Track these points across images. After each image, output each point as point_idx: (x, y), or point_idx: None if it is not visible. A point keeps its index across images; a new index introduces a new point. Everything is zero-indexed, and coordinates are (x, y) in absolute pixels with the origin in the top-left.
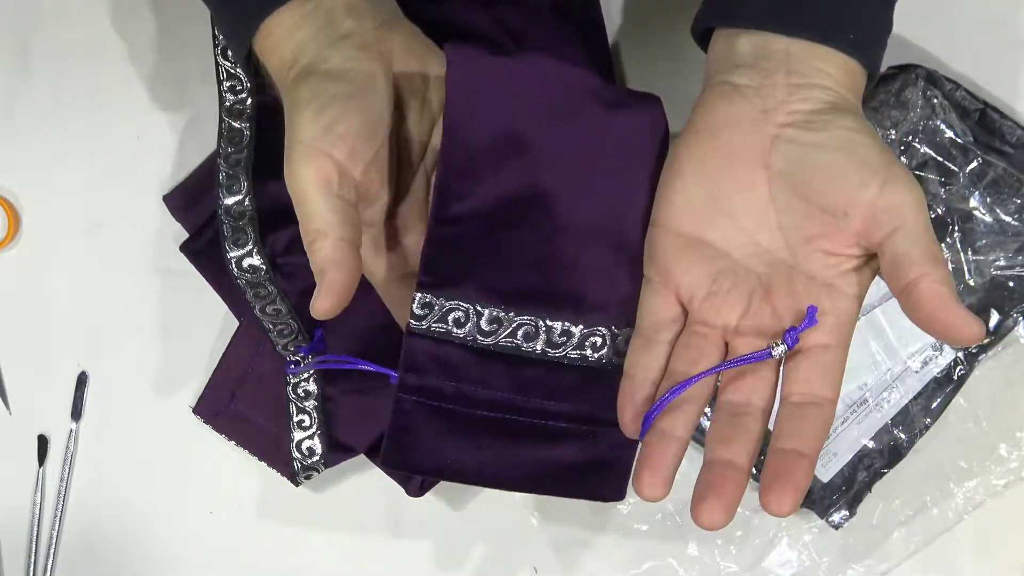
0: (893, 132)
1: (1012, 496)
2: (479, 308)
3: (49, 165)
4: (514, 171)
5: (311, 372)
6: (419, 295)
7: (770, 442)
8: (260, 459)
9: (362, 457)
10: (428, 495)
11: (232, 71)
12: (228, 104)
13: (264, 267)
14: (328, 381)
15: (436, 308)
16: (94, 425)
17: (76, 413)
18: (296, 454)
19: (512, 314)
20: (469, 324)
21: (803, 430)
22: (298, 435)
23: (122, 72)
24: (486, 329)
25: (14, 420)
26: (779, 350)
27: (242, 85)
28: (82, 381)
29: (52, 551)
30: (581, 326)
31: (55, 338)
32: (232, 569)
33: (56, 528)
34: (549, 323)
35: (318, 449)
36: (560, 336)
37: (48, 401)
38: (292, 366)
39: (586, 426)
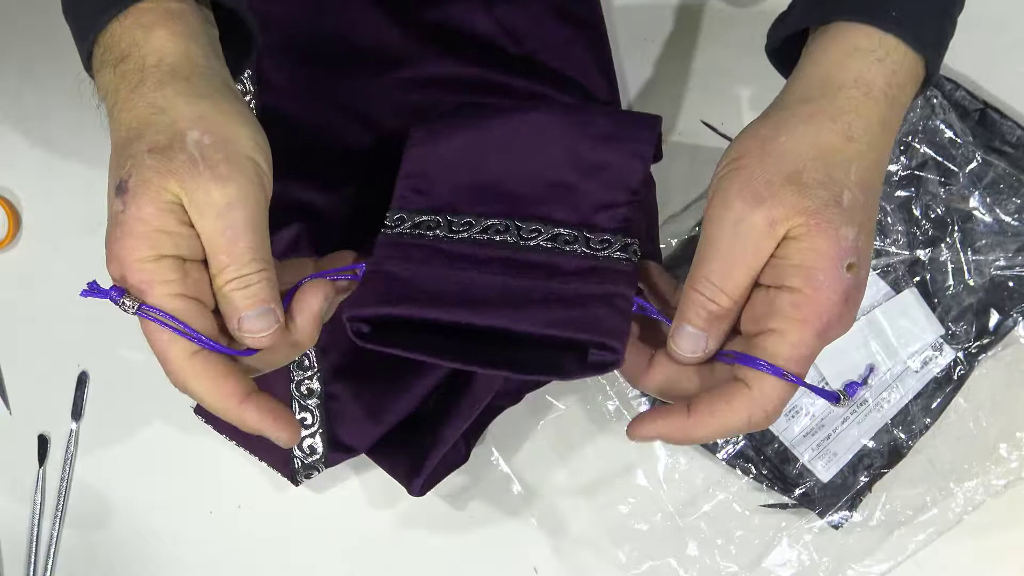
0: None
1: (1012, 496)
2: (449, 217)
3: (49, 165)
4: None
5: (315, 371)
6: (392, 213)
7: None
8: (260, 459)
9: (362, 457)
10: (429, 495)
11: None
12: None
13: None
14: (331, 380)
15: (408, 220)
16: (94, 425)
17: (76, 413)
18: (297, 452)
19: (482, 218)
20: (440, 228)
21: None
22: (300, 432)
23: None
24: (456, 229)
25: (14, 420)
26: None
27: (245, 88)
28: (82, 381)
29: (52, 551)
30: (551, 226)
31: (55, 338)
32: (232, 569)
33: (56, 528)
34: (518, 223)
35: (319, 447)
36: (531, 233)
37: (48, 401)
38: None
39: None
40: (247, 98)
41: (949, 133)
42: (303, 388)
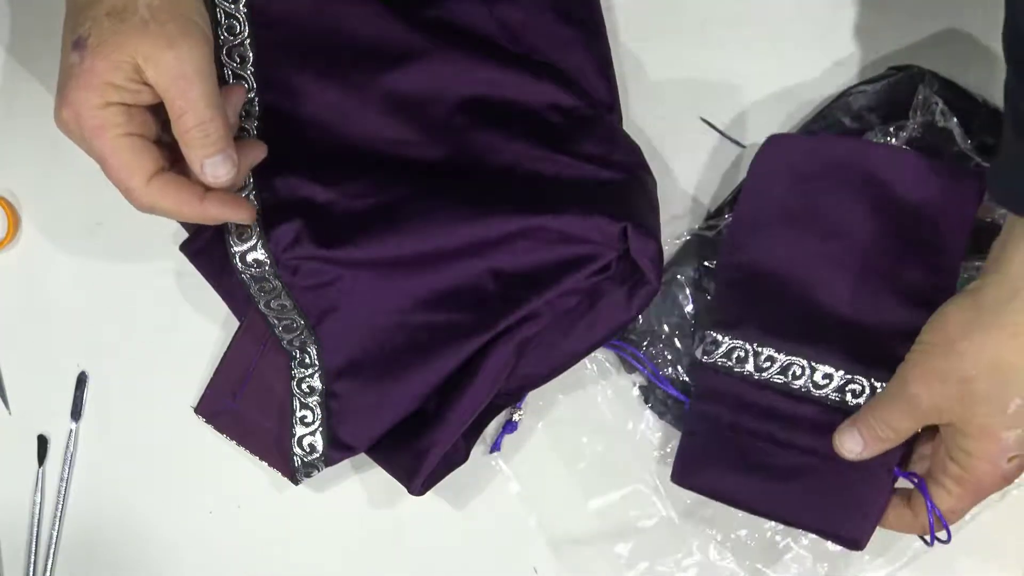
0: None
1: (1012, 496)
2: (756, 348)
3: (49, 165)
4: (792, 235)
5: (316, 368)
6: (709, 333)
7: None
8: (261, 459)
9: (363, 456)
10: (429, 495)
11: (239, 71)
12: None
13: (268, 261)
14: (333, 378)
15: (723, 345)
16: (94, 425)
17: (76, 413)
18: (297, 450)
19: (783, 354)
20: (749, 363)
21: None
22: (300, 430)
23: None
24: (762, 366)
25: (14, 420)
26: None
27: (248, 85)
28: (82, 381)
29: (52, 551)
30: (843, 372)
31: (55, 338)
32: (232, 569)
33: (56, 528)
34: (814, 365)
35: (319, 445)
36: (823, 378)
37: (48, 401)
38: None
39: (829, 461)
40: (250, 94)
41: (949, 133)
42: (304, 385)
